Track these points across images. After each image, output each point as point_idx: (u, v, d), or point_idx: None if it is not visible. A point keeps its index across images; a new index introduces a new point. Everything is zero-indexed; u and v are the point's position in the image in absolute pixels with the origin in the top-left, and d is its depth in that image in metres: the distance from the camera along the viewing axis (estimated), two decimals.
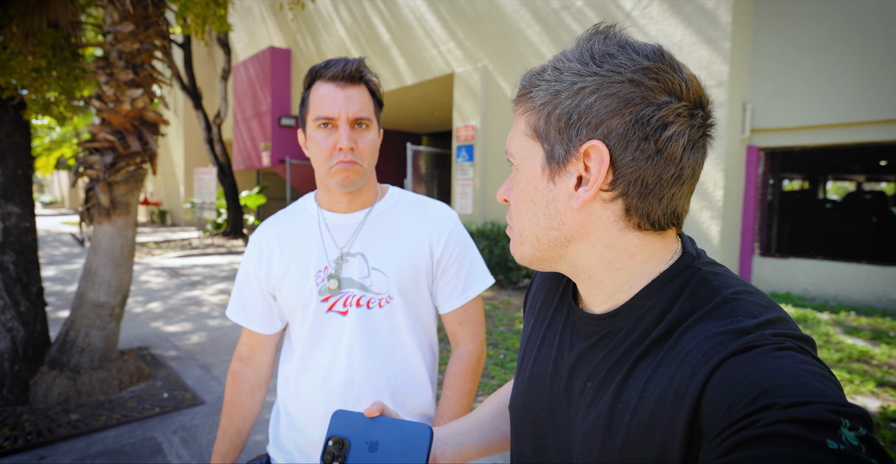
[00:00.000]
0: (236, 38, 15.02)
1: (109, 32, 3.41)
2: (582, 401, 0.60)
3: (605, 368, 0.58)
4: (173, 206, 20.18)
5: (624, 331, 0.58)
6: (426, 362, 1.22)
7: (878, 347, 3.95)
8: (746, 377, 0.44)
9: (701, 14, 5.39)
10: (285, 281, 1.15)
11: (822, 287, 5.37)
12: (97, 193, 3.42)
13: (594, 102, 0.52)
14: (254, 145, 13.58)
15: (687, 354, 0.49)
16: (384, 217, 1.18)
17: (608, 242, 0.57)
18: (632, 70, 0.52)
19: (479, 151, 7.83)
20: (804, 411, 0.40)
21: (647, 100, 0.51)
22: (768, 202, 5.81)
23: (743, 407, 0.42)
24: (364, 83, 1.09)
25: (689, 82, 0.53)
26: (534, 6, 7.04)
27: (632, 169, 0.52)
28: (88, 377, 3.41)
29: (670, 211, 0.55)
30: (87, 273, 3.50)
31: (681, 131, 0.52)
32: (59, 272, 8.65)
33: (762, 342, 0.46)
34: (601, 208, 0.55)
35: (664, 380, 0.50)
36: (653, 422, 0.50)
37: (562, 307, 0.70)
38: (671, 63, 0.53)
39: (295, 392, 1.18)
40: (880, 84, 4.86)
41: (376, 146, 1.13)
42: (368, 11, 9.78)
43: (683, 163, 0.53)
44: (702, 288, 0.54)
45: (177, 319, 5.67)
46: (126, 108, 3.40)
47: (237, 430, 1.22)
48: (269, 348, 1.26)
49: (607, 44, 0.54)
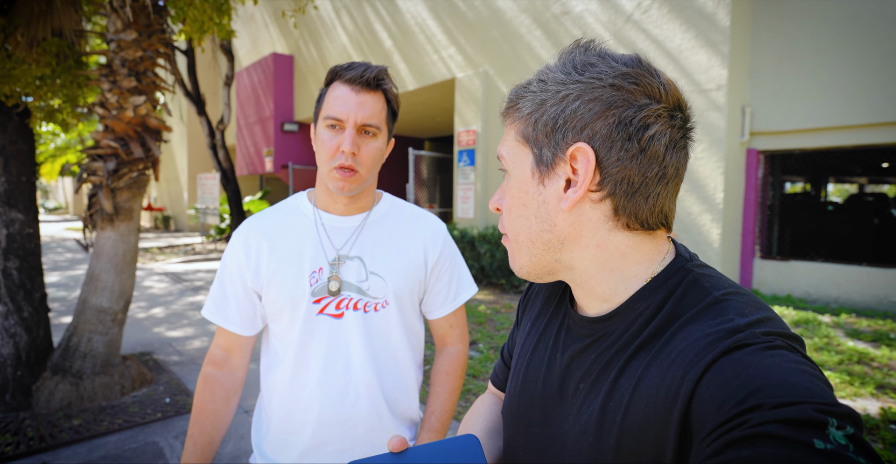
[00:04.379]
0: (239, 45, 15.12)
1: (113, 40, 3.45)
2: (574, 402, 0.60)
3: (598, 368, 0.58)
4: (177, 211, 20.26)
5: (617, 332, 0.58)
6: (414, 367, 1.23)
7: (879, 349, 3.94)
8: (736, 377, 0.44)
9: (700, 17, 5.41)
10: (275, 281, 1.11)
11: (823, 289, 5.36)
12: (100, 199, 3.45)
13: (578, 107, 0.54)
14: (257, 151, 13.65)
15: (679, 353, 0.50)
16: (381, 222, 1.18)
17: (599, 243, 0.58)
18: (612, 76, 0.54)
19: (481, 155, 7.86)
20: (792, 411, 0.40)
21: (629, 102, 0.53)
22: (769, 205, 5.82)
23: (733, 407, 0.42)
24: (381, 91, 1.08)
25: (667, 86, 0.55)
26: (534, 11, 7.08)
27: (617, 168, 0.54)
28: (91, 383, 3.44)
29: (657, 210, 0.57)
30: (89, 279, 3.53)
31: (662, 131, 0.54)
32: (63, 278, 8.70)
33: (753, 341, 0.47)
34: (590, 209, 0.57)
35: (656, 379, 0.51)
36: (645, 421, 0.50)
37: (557, 312, 0.71)
38: (649, 69, 0.55)
39: (285, 398, 1.13)
40: (879, 87, 4.87)
41: (380, 155, 1.11)
42: (370, 17, 9.84)
43: (666, 162, 0.55)
44: (693, 289, 0.55)
45: (179, 324, 5.69)
46: (129, 115, 3.43)
47: (209, 439, 1.14)
48: (246, 351, 1.21)
49: (587, 55, 0.57)
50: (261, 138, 13.40)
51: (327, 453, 1.12)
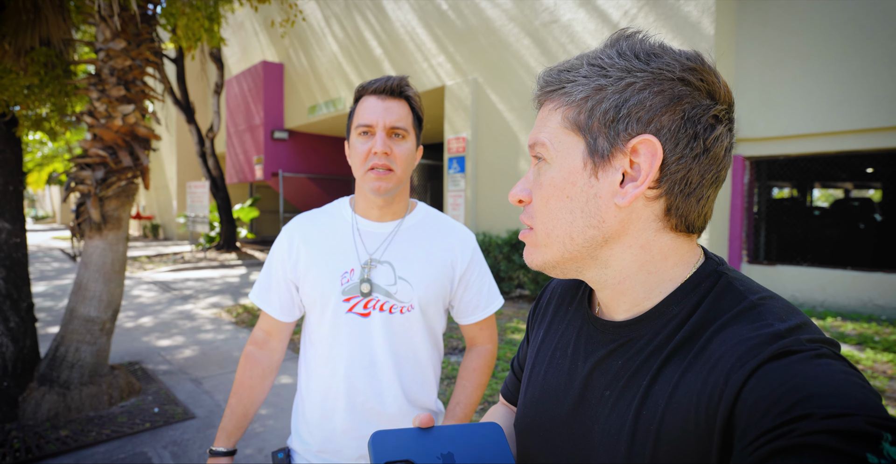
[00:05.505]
0: (229, 53, 15.12)
1: (102, 49, 3.45)
2: (600, 411, 0.57)
3: (626, 375, 0.56)
4: (166, 219, 20.12)
5: (647, 337, 0.56)
6: (434, 371, 1.31)
7: (864, 352, 4.00)
8: (783, 384, 0.42)
9: (686, 25, 5.51)
10: (310, 275, 1.21)
11: (809, 293, 5.43)
12: (88, 208, 3.44)
13: (646, 97, 0.52)
14: (247, 159, 13.62)
15: (718, 358, 0.48)
16: (413, 231, 1.26)
17: (644, 244, 0.56)
18: (680, 69, 0.52)
19: (471, 162, 7.90)
20: (844, 423, 0.38)
21: (696, 100, 0.52)
22: (755, 210, 5.89)
23: (779, 415, 0.40)
24: (405, 98, 1.18)
25: (726, 88, 0.54)
26: (523, 20, 7.16)
27: (679, 167, 0.52)
28: (78, 393, 3.40)
29: (704, 213, 0.56)
30: (77, 288, 3.50)
31: (725, 133, 0.53)
32: (50, 288, 8.60)
33: (799, 348, 0.45)
34: (643, 207, 0.54)
35: (696, 385, 0.48)
36: (685, 429, 0.48)
37: (575, 318, 0.68)
38: (712, 67, 0.54)
39: (317, 384, 1.24)
40: (862, 93, 4.97)
41: (411, 156, 1.19)
42: (360, 26, 9.90)
43: (724, 164, 0.54)
44: (727, 292, 0.53)
45: (168, 333, 5.65)
46: (118, 123, 3.43)
47: (244, 410, 1.26)
48: (284, 336, 1.32)
49: (649, 44, 0.55)
50: (251, 146, 13.37)
51: (353, 438, 1.21)
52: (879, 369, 3.69)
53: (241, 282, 9.22)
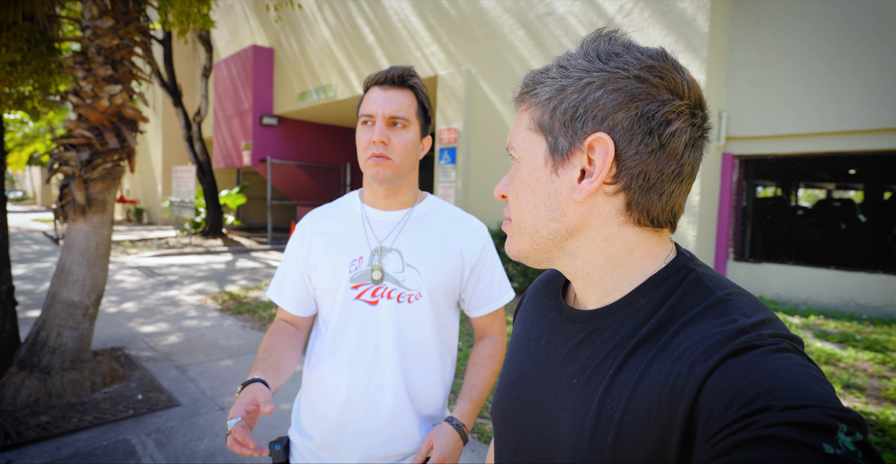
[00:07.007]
0: (218, 36, 14.83)
1: (88, 27, 3.35)
2: (567, 398, 0.59)
3: (593, 364, 0.57)
4: (150, 204, 19.81)
5: (613, 327, 0.57)
6: (443, 364, 1.28)
7: (846, 350, 4.07)
8: (745, 378, 0.43)
9: (681, 22, 5.51)
10: (320, 265, 1.23)
11: (792, 292, 5.51)
12: (72, 191, 3.36)
13: (601, 96, 0.53)
14: (234, 144, 13.43)
15: (683, 351, 0.49)
16: (422, 220, 1.26)
17: (608, 237, 0.57)
18: (637, 67, 0.53)
19: (462, 153, 7.87)
20: (802, 415, 0.39)
21: (652, 96, 0.53)
22: (742, 208, 5.95)
23: (741, 408, 0.42)
24: (409, 88, 1.17)
25: (690, 84, 0.55)
26: (517, 12, 7.11)
27: (635, 162, 0.53)
28: (60, 378, 3.34)
29: (669, 208, 0.56)
30: (60, 272, 3.43)
31: (683, 128, 0.53)
32: (30, 271, 8.43)
33: (761, 343, 0.46)
34: (603, 202, 0.56)
35: (659, 376, 0.50)
36: (647, 419, 0.49)
37: (549, 309, 0.70)
38: (674, 64, 0.55)
39: (318, 374, 1.23)
40: (849, 96, 5.02)
41: (413, 146, 1.18)
42: (353, 12, 9.76)
43: (684, 160, 0.55)
44: (696, 287, 0.55)
45: (152, 319, 5.57)
46: (104, 104, 3.34)
47: (275, 367, 1.15)
48: (302, 328, 1.32)
49: (612, 44, 0.56)
50: (239, 131, 13.18)
51: (350, 432, 1.19)
52: (860, 367, 3.76)
53: (227, 269, 9.12)
